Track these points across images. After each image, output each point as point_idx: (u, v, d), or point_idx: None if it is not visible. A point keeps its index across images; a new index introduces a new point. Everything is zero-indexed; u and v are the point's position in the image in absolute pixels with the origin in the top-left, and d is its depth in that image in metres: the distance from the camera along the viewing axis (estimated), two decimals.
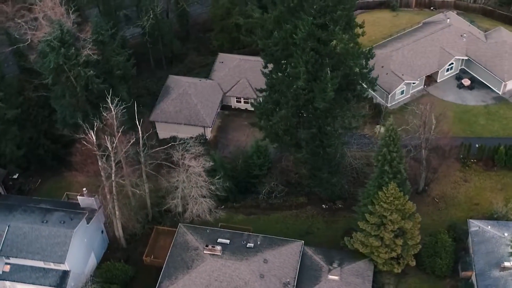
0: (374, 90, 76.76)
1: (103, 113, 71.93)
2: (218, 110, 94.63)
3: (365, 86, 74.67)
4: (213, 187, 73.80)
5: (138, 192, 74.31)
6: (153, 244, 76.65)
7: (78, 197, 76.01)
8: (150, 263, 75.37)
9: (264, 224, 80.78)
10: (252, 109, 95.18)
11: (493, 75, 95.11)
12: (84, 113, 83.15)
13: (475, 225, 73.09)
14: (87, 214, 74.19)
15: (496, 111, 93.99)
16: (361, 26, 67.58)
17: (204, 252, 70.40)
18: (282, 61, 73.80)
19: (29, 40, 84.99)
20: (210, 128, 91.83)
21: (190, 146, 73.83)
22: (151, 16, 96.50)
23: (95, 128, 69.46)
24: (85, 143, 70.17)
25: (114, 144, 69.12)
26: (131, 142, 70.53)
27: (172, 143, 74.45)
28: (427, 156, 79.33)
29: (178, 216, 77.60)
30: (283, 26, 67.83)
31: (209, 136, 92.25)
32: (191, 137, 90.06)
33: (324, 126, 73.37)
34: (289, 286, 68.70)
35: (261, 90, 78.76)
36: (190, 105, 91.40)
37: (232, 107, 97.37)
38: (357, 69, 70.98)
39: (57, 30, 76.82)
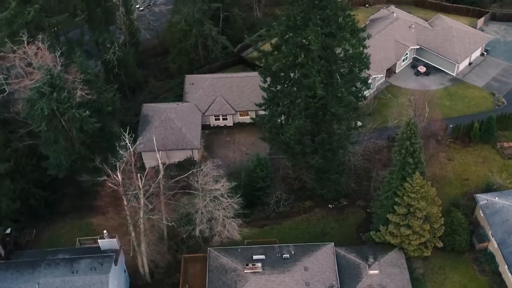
0: (368, 89, 77.12)
1: (120, 151, 67.50)
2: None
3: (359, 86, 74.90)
4: (237, 206, 71.28)
5: (165, 223, 70.39)
6: (184, 273, 73.06)
7: (99, 240, 71.25)
8: None
9: (279, 233, 79.33)
10: (231, 124, 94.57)
11: (446, 59, 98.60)
12: (78, 156, 78.40)
13: (483, 198, 75.18)
14: (114, 256, 69.66)
15: (456, 92, 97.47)
16: (363, 30, 67.65)
17: (245, 271, 68.02)
18: (281, 74, 72.71)
19: (7, 91, 79.03)
20: (198, 150, 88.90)
21: (209, 170, 70.79)
22: (117, 48, 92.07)
23: (120, 168, 64.97)
24: (110, 184, 65.55)
25: (143, 181, 65.11)
26: (159, 177, 66.62)
27: (193, 170, 70.98)
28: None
29: (199, 241, 74.46)
30: (291, 39, 66.58)
31: (197, 158, 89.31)
32: (180, 161, 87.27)
33: (332, 129, 72.86)
34: None
35: (260, 105, 77.24)
36: (174, 130, 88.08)
37: (211, 125, 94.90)
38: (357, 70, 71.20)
39: (47, 75, 71.66)
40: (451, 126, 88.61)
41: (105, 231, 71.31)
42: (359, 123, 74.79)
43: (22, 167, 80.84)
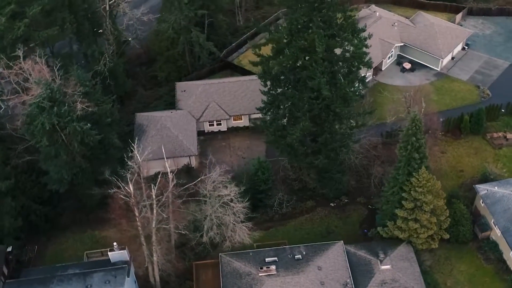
0: (366, 88, 77.43)
1: (128, 162, 66.29)
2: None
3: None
4: (246, 210, 70.71)
5: (176, 231, 69.38)
6: (196, 280, 72.11)
7: (109, 252, 69.91)
8: None
9: (285, 235, 78.91)
10: (225, 129, 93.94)
11: (430, 54, 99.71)
12: (79, 169, 76.88)
13: (482, 188, 76.07)
14: (127, 268, 68.39)
15: (442, 86, 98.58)
16: (363, 30, 67.82)
17: (260, 274, 67.46)
18: (281, 77, 72.47)
19: (3, 107, 77.06)
20: (195, 156, 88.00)
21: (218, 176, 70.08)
22: (107, 58, 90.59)
23: (132, 180, 63.72)
24: (122, 196, 64.27)
25: (154, 192, 64.01)
26: (173, 185, 65.54)
27: (201, 177, 70.11)
28: None
29: (207, 247, 73.56)
30: (294, 43, 66.32)
31: (195, 164, 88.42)
32: (178, 169, 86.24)
33: (335, 129, 72.89)
34: (348, 285, 67.67)
35: (260, 108, 76.88)
36: (171, 138, 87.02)
37: (205, 131, 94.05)
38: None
39: (46, 90, 70.02)
40: (441, 119, 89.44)
41: (115, 243, 70.01)
42: (360, 122, 74.74)
43: (22, 184, 78.90)
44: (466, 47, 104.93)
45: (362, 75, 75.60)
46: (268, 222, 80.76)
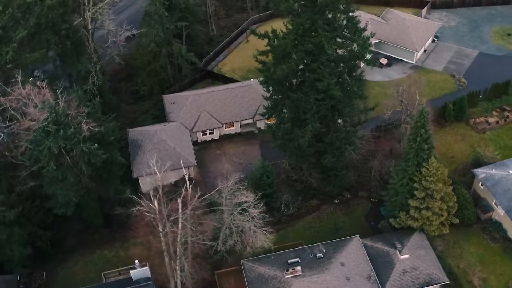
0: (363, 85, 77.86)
1: (147, 178, 64.49)
2: None
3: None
4: (265, 215, 69.94)
5: (202, 243, 67.81)
6: None
7: (131, 271, 67.84)
8: None
9: (295, 235, 78.57)
10: (218, 137, 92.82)
11: (405, 48, 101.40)
12: (86, 190, 74.40)
13: (481, 172, 77.69)
14: (151, 285, 66.50)
15: (419, 78, 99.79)
16: (364, 30, 68.20)
17: (286, 277, 66.75)
18: (284, 82, 72.14)
19: (1, 135, 73.77)
20: (194, 167, 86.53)
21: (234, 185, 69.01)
22: (96, 77, 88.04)
23: (156, 196, 61.97)
24: (147, 213, 62.39)
25: (180, 206, 62.44)
26: (197, 196, 63.99)
27: (219, 187, 68.77)
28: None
29: (224, 255, 72.31)
30: (300, 46, 66.00)
31: (194, 175, 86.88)
32: (176, 180, 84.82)
33: (338, 127, 73.04)
34: (372, 278, 67.83)
35: (263, 114, 76.36)
36: (169, 151, 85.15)
37: (199, 141, 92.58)
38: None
39: (51, 113, 67.36)
40: (425, 110, 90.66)
41: (136, 261, 68.04)
42: (363, 118, 75.17)
43: (27, 211, 75.58)
44: (436, 39, 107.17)
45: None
46: (277, 224, 79.81)
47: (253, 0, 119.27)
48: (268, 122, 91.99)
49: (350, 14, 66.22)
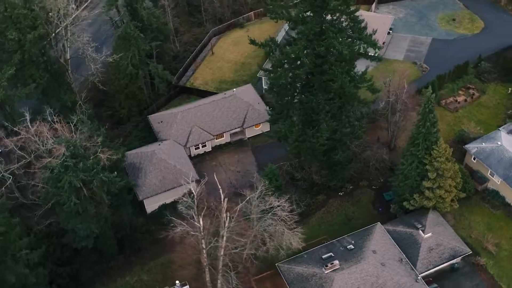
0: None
1: (185, 197, 62.34)
2: None
3: None
4: (295, 216, 69.27)
5: (247, 254, 66.23)
6: None
7: None
8: None
9: (312, 232, 78.10)
10: (210, 149, 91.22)
11: None
12: (105, 219, 71.07)
13: (472, 147, 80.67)
14: None
15: (385, 69, 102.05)
16: (365, 28, 69.13)
17: (326, 272, 66.45)
18: (289, 86, 71.88)
19: (11, 177, 69.25)
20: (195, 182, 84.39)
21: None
22: (84, 106, 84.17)
23: (201, 217, 59.97)
24: (192, 232, 60.27)
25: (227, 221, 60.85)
26: (237, 210, 62.38)
27: (248, 196, 67.29)
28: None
29: (252, 260, 71.02)
30: (311, 51, 65.93)
31: (195, 189, 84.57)
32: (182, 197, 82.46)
33: (345, 122, 73.65)
34: (403, 260, 68.82)
35: (270, 120, 75.91)
36: (170, 170, 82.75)
37: (192, 155, 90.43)
38: None
39: (69, 147, 63.81)
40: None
41: (177, 282, 65.63)
42: (365, 112, 76.12)
43: (46, 249, 71.14)
44: (390, 31, 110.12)
45: None
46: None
47: (209, 14, 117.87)
48: (256, 128, 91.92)
49: (353, 14, 66.72)
